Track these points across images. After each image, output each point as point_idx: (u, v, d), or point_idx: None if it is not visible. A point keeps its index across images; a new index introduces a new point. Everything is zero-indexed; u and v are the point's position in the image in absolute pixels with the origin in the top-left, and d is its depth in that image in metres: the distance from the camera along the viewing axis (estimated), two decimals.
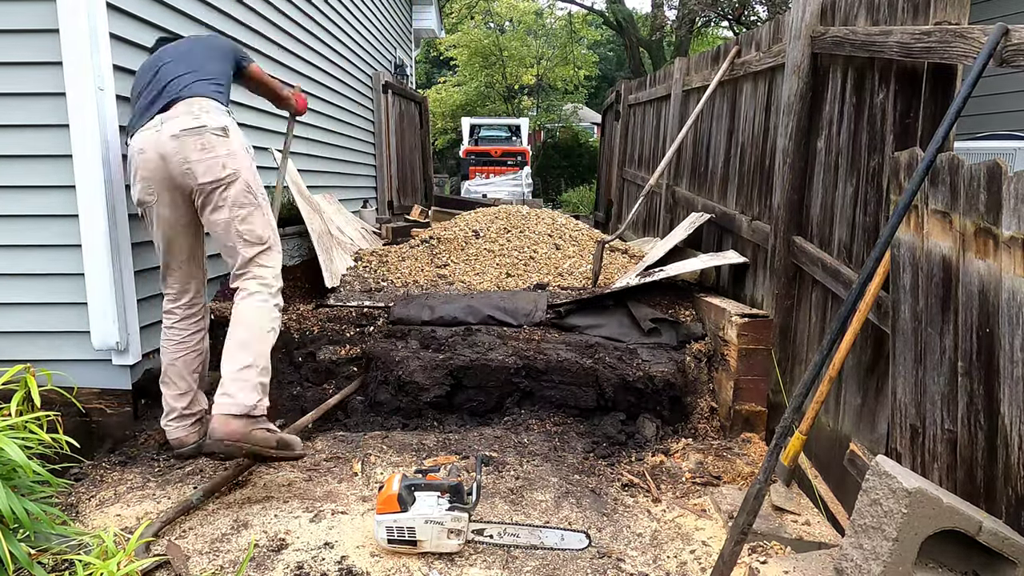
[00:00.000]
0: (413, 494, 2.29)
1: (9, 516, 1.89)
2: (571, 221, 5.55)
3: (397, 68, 9.44)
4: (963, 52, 1.88)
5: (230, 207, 2.74)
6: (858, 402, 2.49)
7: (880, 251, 1.88)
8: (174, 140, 2.68)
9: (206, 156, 2.69)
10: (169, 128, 2.69)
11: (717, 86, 4.31)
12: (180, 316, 2.96)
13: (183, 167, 2.68)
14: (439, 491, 2.30)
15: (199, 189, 2.72)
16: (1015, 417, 1.59)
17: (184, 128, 2.69)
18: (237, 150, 2.78)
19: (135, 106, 2.88)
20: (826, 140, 2.85)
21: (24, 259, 3.11)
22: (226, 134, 2.77)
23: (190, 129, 2.69)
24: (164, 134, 2.69)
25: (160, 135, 2.69)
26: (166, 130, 2.69)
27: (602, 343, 3.64)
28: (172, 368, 2.93)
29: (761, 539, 2.36)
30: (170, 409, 2.93)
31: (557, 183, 18.81)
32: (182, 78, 2.82)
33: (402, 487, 2.28)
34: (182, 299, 2.95)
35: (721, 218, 4.10)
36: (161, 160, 2.69)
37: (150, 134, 2.71)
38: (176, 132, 2.68)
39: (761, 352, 3.23)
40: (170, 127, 2.70)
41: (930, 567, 1.67)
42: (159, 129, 2.70)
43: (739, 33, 13.08)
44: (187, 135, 2.68)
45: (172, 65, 2.87)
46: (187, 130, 2.69)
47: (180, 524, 2.46)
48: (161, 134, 2.69)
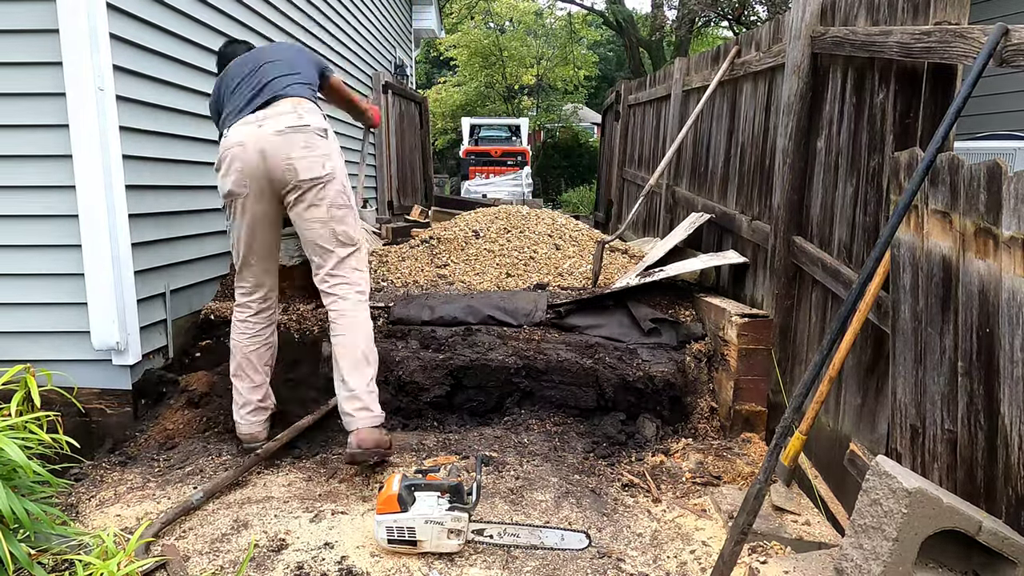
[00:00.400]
0: (413, 494, 2.29)
1: (9, 516, 1.89)
2: (571, 221, 5.54)
3: (397, 68, 9.44)
4: (963, 52, 1.88)
5: (328, 207, 2.81)
6: (858, 402, 2.49)
7: (880, 251, 1.88)
8: (278, 136, 2.74)
9: (308, 154, 2.76)
10: (273, 124, 2.75)
11: (717, 86, 4.31)
12: (255, 310, 2.99)
13: (284, 163, 2.74)
14: (439, 491, 2.30)
15: (296, 186, 2.77)
16: (1015, 417, 1.59)
17: (289, 125, 2.76)
18: (335, 152, 2.87)
19: (227, 101, 2.93)
20: (826, 140, 2.85)
21: (24, 259, 3.11)
22: (326, 135, 2.86)
23: (295, 127, 2.76)
24: (267, 130, 2.74)
25: (262, 130, 2.74)
26: (269, 126, 2.75)
27: (602, 343, 3.64)
28: (247, 362, 2.99)
29: (761, 539, 2.36)
30: (245, 401, 2.98)
31: (557, 183, 18.80)
32: (284, 78, 2.90)
33: (402, 487, 2.28)
34: (257, 293, 2.98)
35: (721, 218, 4.10)
36: (260, 155, 2.73)
37: (251, 128, 2.76)
38: (281, 128, 2.75)
39: (761, 352, 3.23)
40: (274, 123, 2.76)
41: (930, 567, 1.67)
42: (261, 125, 2.76)
43: (739, 33, 13.08)
44: (292, 132, 2.75)
45: (272, 66, 2.95)
46: (292, 127, 2.76)
47: (180, 524, 2.46)
48: (264, 129, 2.74)
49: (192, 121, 3.75)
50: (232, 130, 2.80)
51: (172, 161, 3.59)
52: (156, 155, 3.43)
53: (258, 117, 2.78)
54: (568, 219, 5.59)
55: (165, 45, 3.46)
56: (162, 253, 3.50)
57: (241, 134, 2.76)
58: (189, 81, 3.69)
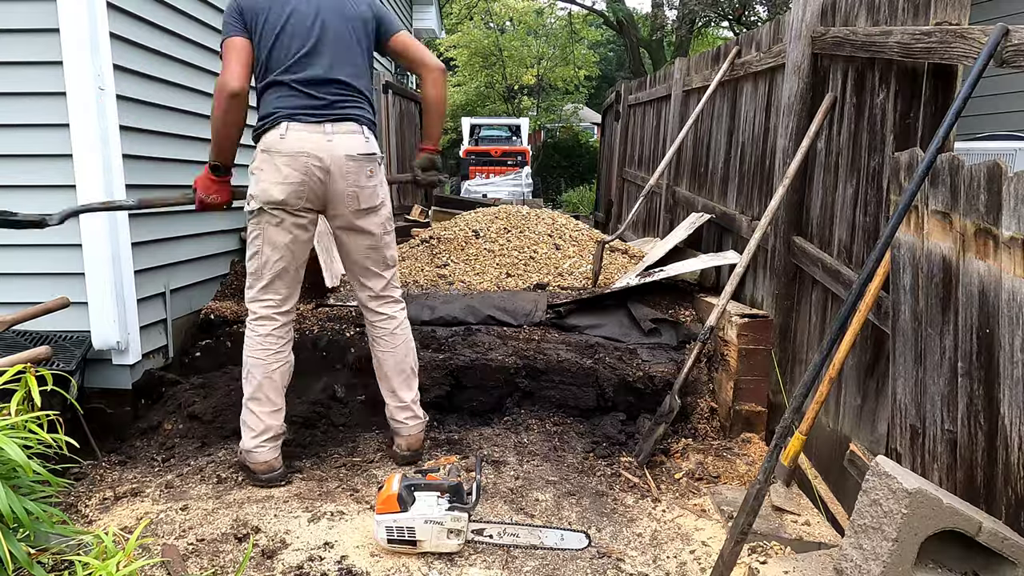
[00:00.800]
0: (413, 494, 2.29)
1: (9, 516, 1.89)
2: (571, 221, 5.54)
3: (397, 68, 9.43)
4: (963, 52, 1.88)
5: (380, 234, 2.82)
6: (858, 402, 2.49)
7: (880, 252, 1.88)
8: (351, 161, 2.66)
9: (370, 183, 2.73)
10: (345, 146, 2.65)
11: (717, 86, 4.31)
12: (281, 322, 2.78)
13: (350, 189, 2.68)
14: (439, 491, 2.30)
15: (353, 211, 2.72)
16: (1015, 417, 1.59)
17: (362, 153, 2.70)
18: (384, 180, 2.87)
19: (271, 50, 2.67)
20: (826, 140, 2.85)
21: (24, 259, 3.11)
22: (381, 164, 2.84)
23: (366, 155, 2.71)
24: (339, 150, 2.64)
25: (334, 148, 2.63)
26: (341, 146, 2.64)
27: (602, 343, 3.64)
28: (269, 382, 2.73)
29: (761, 539, 2.36)
30: (264, 428, 2.72)
31: (557, 183, 18.79)
32: (349, 91, 2.71)
33: (402, 487, 2.27)
34: (286, 305, 2.78)
35: (721, 218, 4.10)
36: (326, 173, 2.63)
37: (320, 141, 2.62)
38: (354, 154, 2.67)
39: (761, 352, 3.23)
40: (346, 145, 2.65)
41: (930, 567, 1.67)
42: (331, 140, 2.63)
43: (739, 33, 13.08)
44: (364, 161, 2.71)
45: (336, 49, 2.69)
46: (364, 156, 2.71)
47: (180, 524, 2.46)
48: (335, 147, 2.63)
49: (192, 121, 3.75)
50: (292, 132, 2.60)
51: (172, 161, 3.59)
52: (156, 155, 3.43)
53: (326, 130, 2.63)
54: (568, 219, 5.59)
55: (166, 45, 3.46)
56: (162, 253, 3.50)
57: (310, 144, 2.60)
58: (190, 81, 3.69)
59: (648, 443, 3.03)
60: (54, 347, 2.96)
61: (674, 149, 4.76)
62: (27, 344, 2.87)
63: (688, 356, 3.24)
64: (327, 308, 4.02)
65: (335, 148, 2.63)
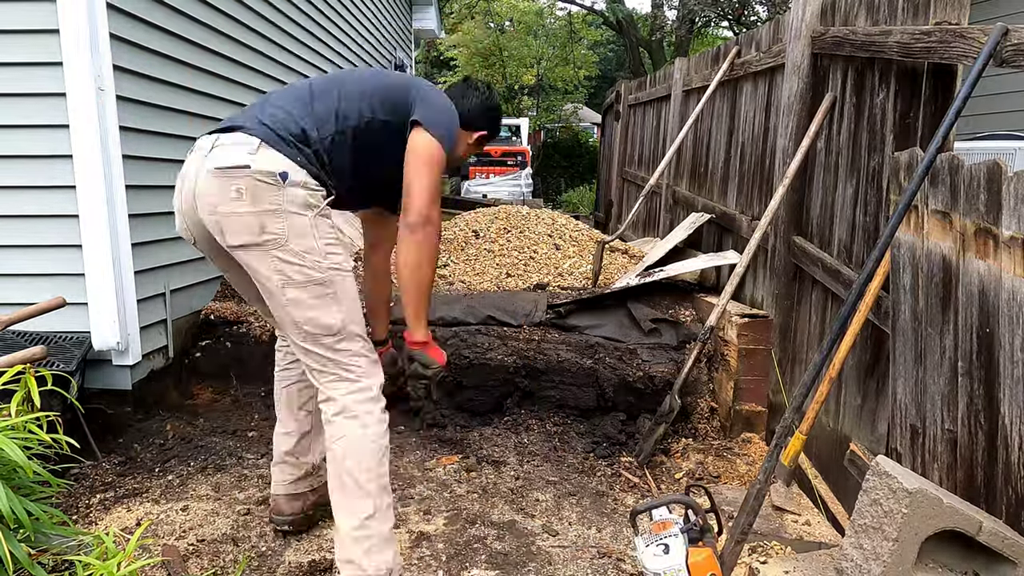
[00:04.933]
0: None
1: (9, 516, 1.89)
2: (571, 221, 5.54)
3: (397, 68, 9.43)
4: (963, 52, 1.88)
5: (275, 286, 2.00)
6: (858, 402, 2.49)
7: (880, 251, 1.88)
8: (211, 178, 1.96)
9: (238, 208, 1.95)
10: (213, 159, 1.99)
11: (717, 86, 4.31)
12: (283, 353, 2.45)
13: (208, 216, 2.01)
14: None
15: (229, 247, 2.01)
16: (1015, 417, 1.59)
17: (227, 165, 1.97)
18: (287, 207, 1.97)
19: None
20: (826, 140, 2.85)
21: (24, 259, 3.11)
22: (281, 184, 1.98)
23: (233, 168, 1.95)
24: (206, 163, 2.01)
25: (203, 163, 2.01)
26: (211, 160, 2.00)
27: (602, 343, 3.64)
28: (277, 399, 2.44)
29: (761, 539, 2.36)
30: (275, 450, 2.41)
31: (557, 183, 18.78)
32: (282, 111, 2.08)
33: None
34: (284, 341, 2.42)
35: (721, 218, 4.10)
36: (192, 196, 2.08)
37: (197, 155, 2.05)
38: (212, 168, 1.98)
39: (761, 352, 3.23)
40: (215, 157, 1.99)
41: (930, 567, 1.67)
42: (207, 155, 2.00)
43: (739, 33, 13.08)
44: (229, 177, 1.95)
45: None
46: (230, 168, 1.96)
47: (180, 524, 2.46)
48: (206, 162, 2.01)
49: (193, 121, 3.75)
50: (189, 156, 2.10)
51: (173, 161, 3.59)
52: (156, 155, 3.43)
53: (205, 144, 2.03)
54: (568, 219, 5.59)
55: (165, 45, 3.46)
56: (162, 253, 3.50)
57: (188, 162, 2.08)
58: (190, 81, 3.69)
59: (648, 443, 3.03)
60: (54, 348, 2.96)
61: (674, 149, 4.76)
62: (25, 345, 2.87)
63: (688, 356, 3.24)
64: None
65: (205, 163, 1.97)
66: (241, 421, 3.39)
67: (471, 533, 2.44)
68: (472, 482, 2.83)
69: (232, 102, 4.21)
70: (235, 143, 1.95)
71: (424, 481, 2.82)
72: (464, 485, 2.80)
